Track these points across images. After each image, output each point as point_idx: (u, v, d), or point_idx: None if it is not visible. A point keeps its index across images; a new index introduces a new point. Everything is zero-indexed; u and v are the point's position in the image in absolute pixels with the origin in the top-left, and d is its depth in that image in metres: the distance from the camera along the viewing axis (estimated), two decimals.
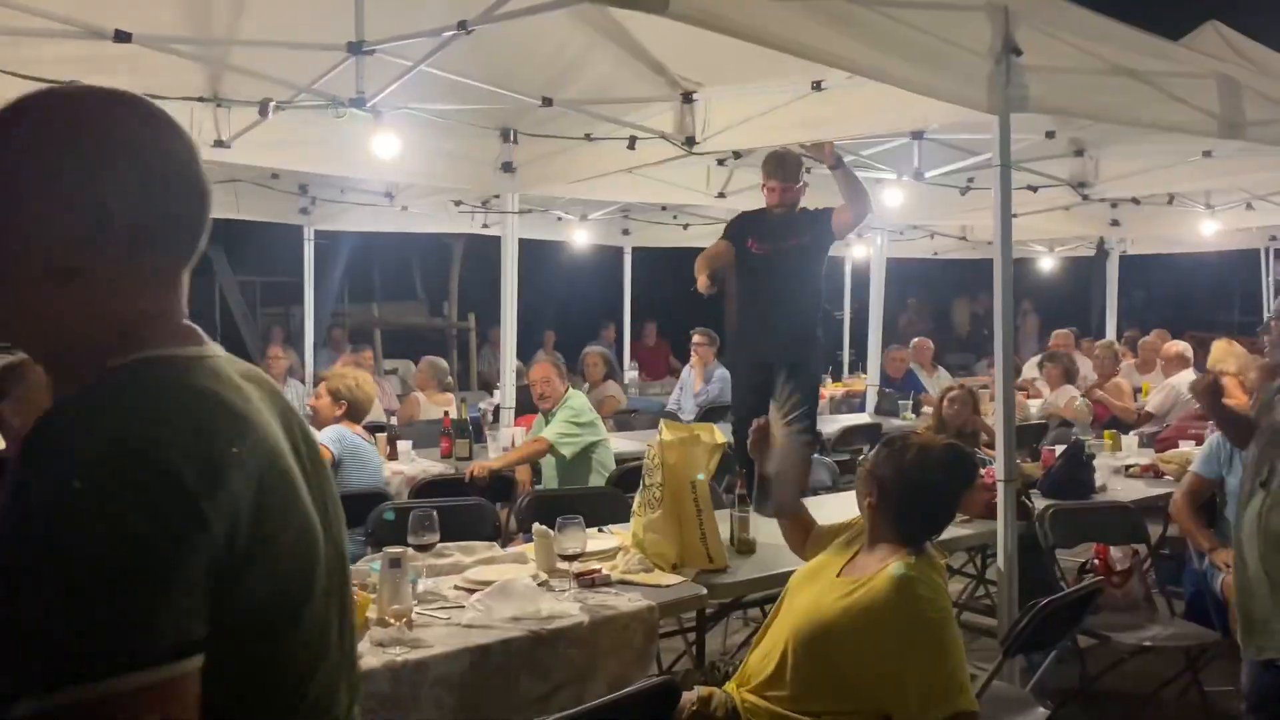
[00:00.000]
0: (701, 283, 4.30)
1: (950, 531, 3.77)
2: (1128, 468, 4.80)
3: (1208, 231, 7.92)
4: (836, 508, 4.22)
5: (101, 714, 0.80)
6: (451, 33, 3.35)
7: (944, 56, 3.25)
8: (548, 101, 4.39)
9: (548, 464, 4.99)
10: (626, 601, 2.75)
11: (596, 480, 4.79)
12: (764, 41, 2.93)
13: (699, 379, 7.77)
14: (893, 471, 2.40)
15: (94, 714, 0.80)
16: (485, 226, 8.10)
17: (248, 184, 6.63)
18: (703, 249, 4.65)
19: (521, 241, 6.04)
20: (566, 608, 2.64)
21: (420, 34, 3.47)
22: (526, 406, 5.73)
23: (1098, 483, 4.39)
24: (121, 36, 3.22)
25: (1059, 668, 4.00)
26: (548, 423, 4.96)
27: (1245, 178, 6.47)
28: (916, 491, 2.38)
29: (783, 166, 4.41)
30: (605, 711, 1.95)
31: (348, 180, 6.80)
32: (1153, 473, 4.80)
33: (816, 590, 2.42)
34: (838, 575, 2.43)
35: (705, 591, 2.96)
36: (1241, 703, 2.85)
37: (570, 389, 5.06)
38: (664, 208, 8.31)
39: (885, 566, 2.31)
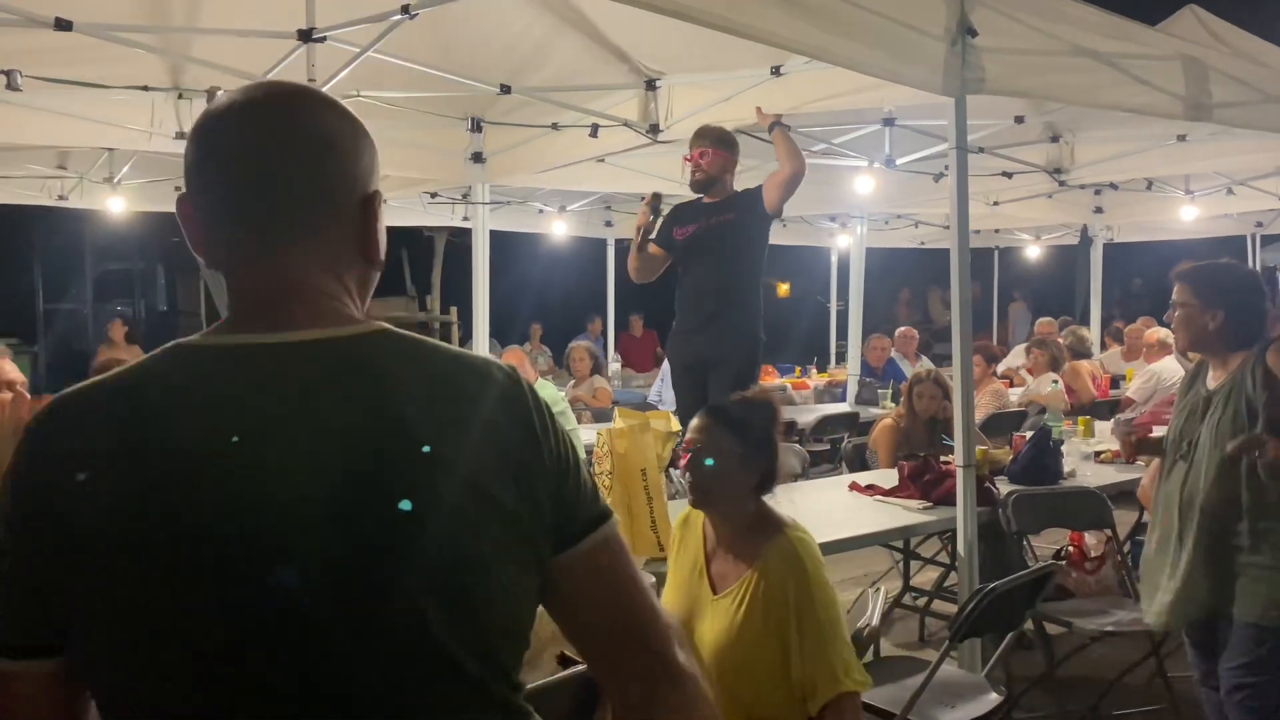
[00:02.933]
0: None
1: (915, 517, 3.78)
2: (1098, 453, 4.77)
3: (1189, 218, 7.90)
4: (810, 493, 4.24)
5: None
6: (398, 17, 3.32)
7: (898, 39, 3.22)
8: (506, 89, 4.36)
9: None
10: None
11: None
12: (720, 26, 2.91)
13: None
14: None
15: None
16: (465, 219, 8.07)
17: None
18: None
19: (504, 234, 6.03)
20: None
21: (367, 19, 3.43)
22: None
23: (1067, 468, 4.35)
24: (62, 25, 3.18)
25: (1026, 654, 3.99)
26: None
27: (1222, 162, 6.45)
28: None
29: (699, 136, 4.37)
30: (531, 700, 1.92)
31: None
32: (1124, 458, 4.77)
33: (709, 628, 2.23)
34: (715, 598, 2.25)
35: (654, 580, 2.92)
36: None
37: (539, 379, 5.08)
38: (643, 197, 8.26)
39: (770, 543, 2.19)
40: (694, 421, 2.37)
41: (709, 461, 2.26)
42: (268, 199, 0.98)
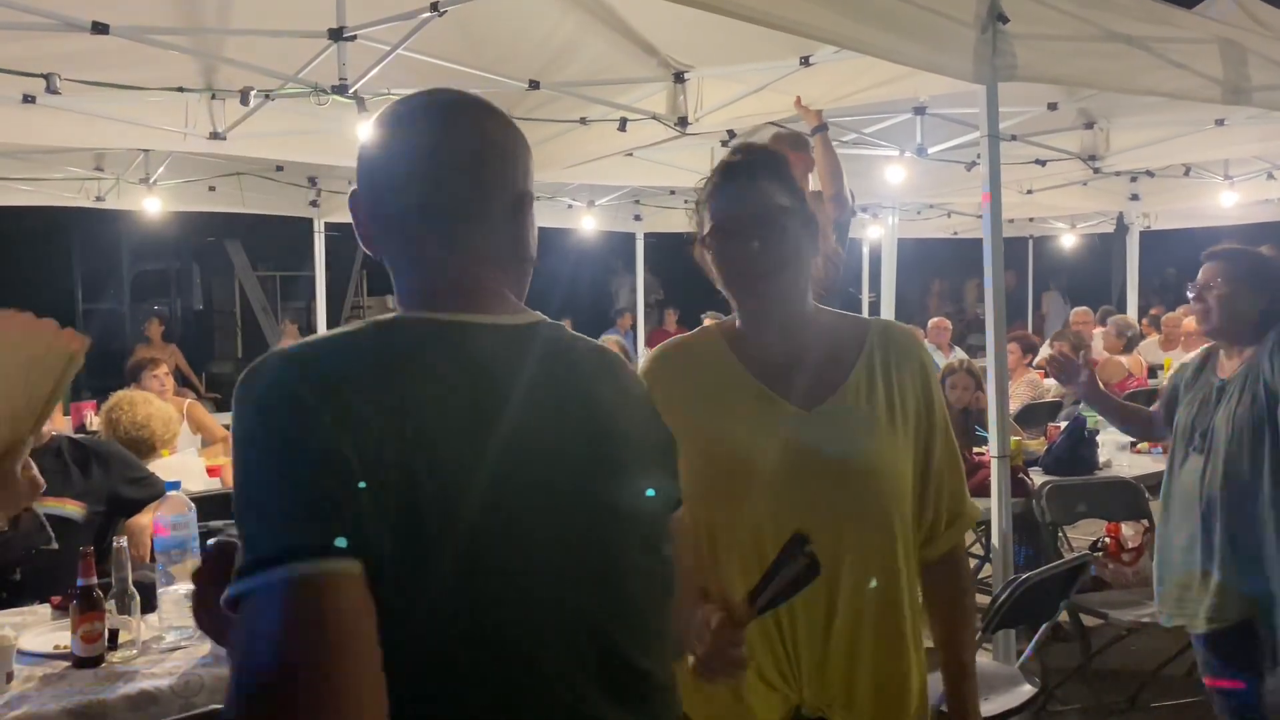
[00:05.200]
0: None
1: None
2: (1134, 443, 4.71)
3: (1228, 203, 7.76)
4: None
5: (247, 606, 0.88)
6: (427, 14, 3.34)
7: (929, 26, 3.20)
8: (534, 85, 4.37)
9: None
10: None
11: None
12: (749, 17, 2.90)
13: None
14: None
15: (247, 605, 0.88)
16: None
17: (254, 177, 6.67)
18: None
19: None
20: None
21: (396, 17, 3.46)
22: None
23: (1102, 459, 4.31)
24: (99, 28, 3.23)
25: (1062, 646, 3.96)
26: None
27: (1263, 146, 6.33)
28: None
29: (776, 141, 4.35)
30: None
31: (354, 171, 6.81)
32: (1161, 449, 4.72)
33: (803, 451, 1.56)
34: (812, 411, 1.58)
35: None
36: None
37: None
38: (672, 192, 8.27)
39: (868, 329, 1.64)
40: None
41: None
42: (462, 202, 1.08)
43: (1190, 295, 2.90)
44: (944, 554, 1.63)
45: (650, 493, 1.11)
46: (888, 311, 8.06)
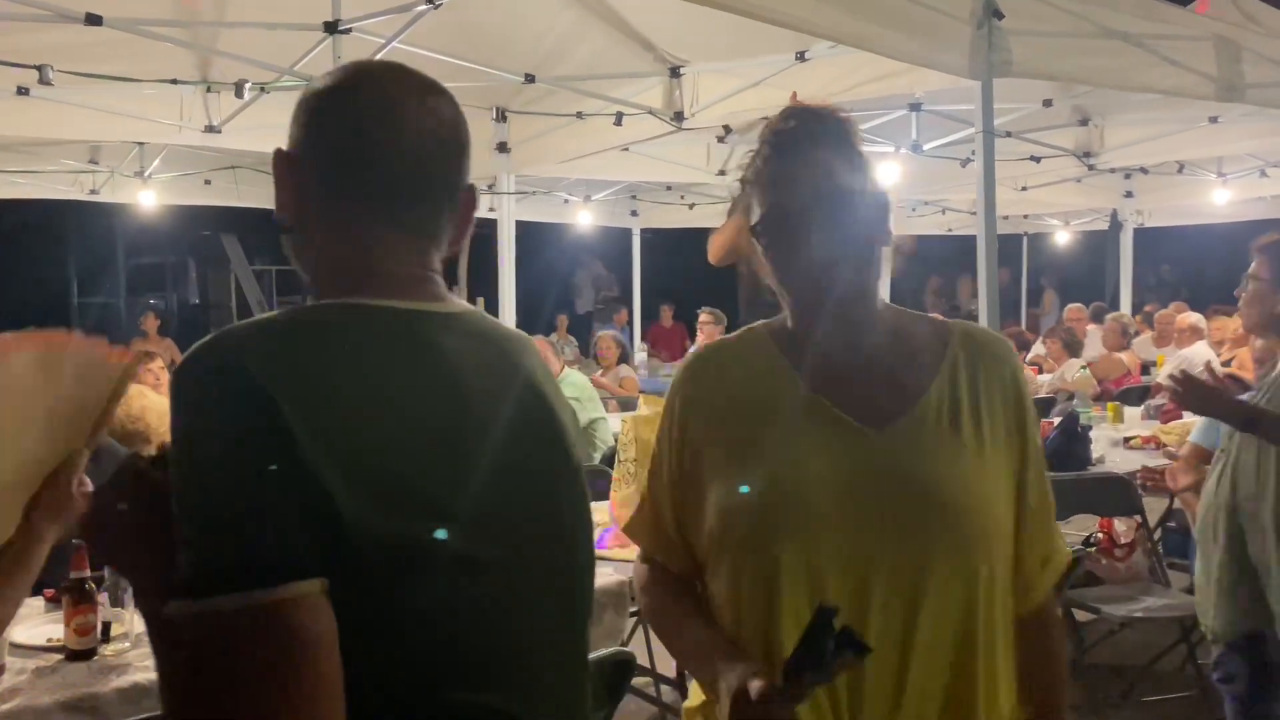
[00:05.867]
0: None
1: None
2: (1128, 439, 4.73)
3: (1221, 201, 7.79)
4: None
5: (207, 628, 0.84)
6: (423, 7, 3.34)
7: (925, 22, 3.20)
8: (530, 78, 4.37)
9: None
10: (598, 576, 2.74)
11: (595, 457, 4.84)
12: (745, 12, 2.89)
13: None
14: None
15: (202, 626, 0.84)
16: (491, 210, 8.09)
17: (249, 170, 6.66)
18: (709, 229, 4.59)
19: (530, 225, 6.05)
20: None
21: (392, 10, 3.45)
22: None
23: (1096, 455, 4.32)
24: (93, 20, 3.23)
25: None
26: None
27: (1255, 143, 6.35)
28: None
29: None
30: None
31: None
32: (1154, 445, 4.73)
33: (870, 477, 1.27)
34: (878, 431, 1.28)
35: None
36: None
37: (566, 368, 5.12)
38: (669, 187, 8.27)
39: (949, 334, 1.36)
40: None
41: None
42: (408, 190, 1.04)
43: (1237, 293, 2.76)
44: (1038, 606, 1.36)
45: (583, 478, 1.13)
46: None
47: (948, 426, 1.29)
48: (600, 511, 3.35)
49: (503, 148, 5.39)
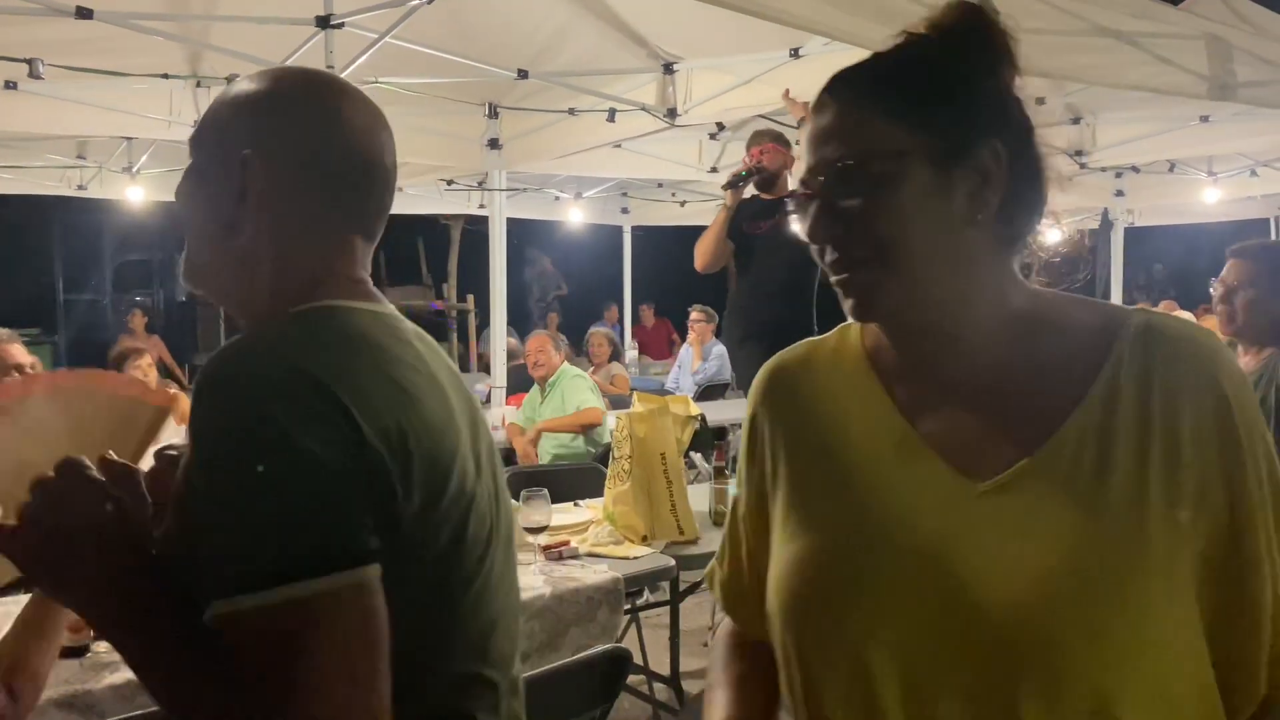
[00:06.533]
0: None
1: None
2: None
3: (1212, 200, 7.82)
4: None
5: (292, 615, 0.85)
6: (416, 2, 3.32)
7: (915, 19, 3.19)
8: (523, 74, 4.36)
9: (548, 437, 5.05)
10: (592, 574, 2.73)
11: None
12: (739, 8, 2.89)
13: (697, 357, 7.75)
14: None
15: (286, 615, 0.85)
16: (481, 207, 8.08)
17: None
18: (701, 226, 4.57)
19: (521, 222, 6.04)
20: (530, 580, 2.62)
21: (385, 4, 3.44)
22: (517, 386, 5.75)
23: None
24: (83, 13, 3.20)
25: None
26: (543, 393, 5.12)
27: (1246, 143, 6.37)
28: None
29: (758, 136, 4.32)
30: (552, 679, 1.94)
31: None
32: None
33: (995, 550, 0.84)
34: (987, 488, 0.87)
35: (674, 563, 2.93)
36: None
37: (565, 363, 5.18)
38: (660, 184, 8.27)
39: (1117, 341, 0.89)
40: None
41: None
42: (370, 192, 1.08)
43: (1213, 292, 2.74)
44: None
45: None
46: None
47: (1088, 477, 0.84)
48: (593, 508, 3.35)
49: (494, 144, 5.37)
